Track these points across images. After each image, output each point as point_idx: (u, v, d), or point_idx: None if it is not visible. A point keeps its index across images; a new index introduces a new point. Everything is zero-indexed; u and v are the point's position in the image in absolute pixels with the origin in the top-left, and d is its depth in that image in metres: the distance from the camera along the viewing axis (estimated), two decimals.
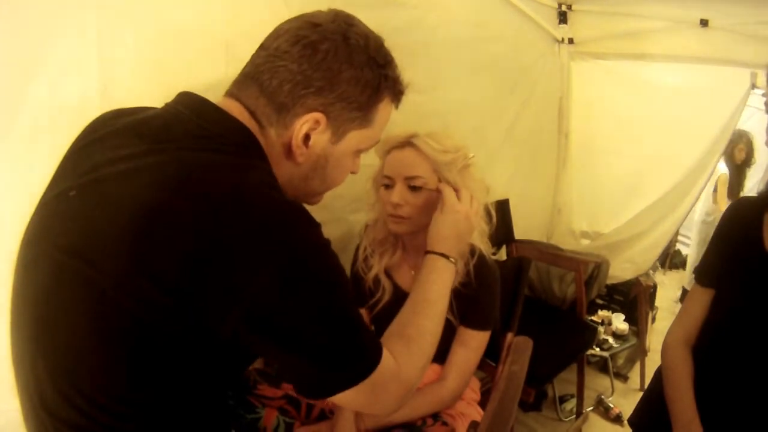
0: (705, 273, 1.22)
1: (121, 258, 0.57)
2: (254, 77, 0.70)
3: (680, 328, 1.24)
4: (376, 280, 1.31)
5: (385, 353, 0.70)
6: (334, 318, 0.64)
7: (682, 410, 1.13)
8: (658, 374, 1.27)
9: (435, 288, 0.92)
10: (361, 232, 1.38)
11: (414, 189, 1.17)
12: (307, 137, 0.71)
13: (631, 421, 1.36)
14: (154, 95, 1.01)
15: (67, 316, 0.61)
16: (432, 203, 1.17)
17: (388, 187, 1.21)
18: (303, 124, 0.70)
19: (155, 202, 0.58)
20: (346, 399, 0.67)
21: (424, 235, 1.25)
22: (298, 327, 0.61)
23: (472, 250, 1.24)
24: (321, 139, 0.73)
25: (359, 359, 0.67)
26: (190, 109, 0.69)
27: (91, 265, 0.59)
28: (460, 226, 1.05)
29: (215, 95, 0.72)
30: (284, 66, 0.68)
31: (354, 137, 0.75)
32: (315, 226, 0.64)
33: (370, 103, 0.74)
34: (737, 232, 1.16)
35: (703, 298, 1.20)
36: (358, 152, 0.80)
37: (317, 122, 0.70)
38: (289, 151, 0.72)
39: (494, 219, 1.27)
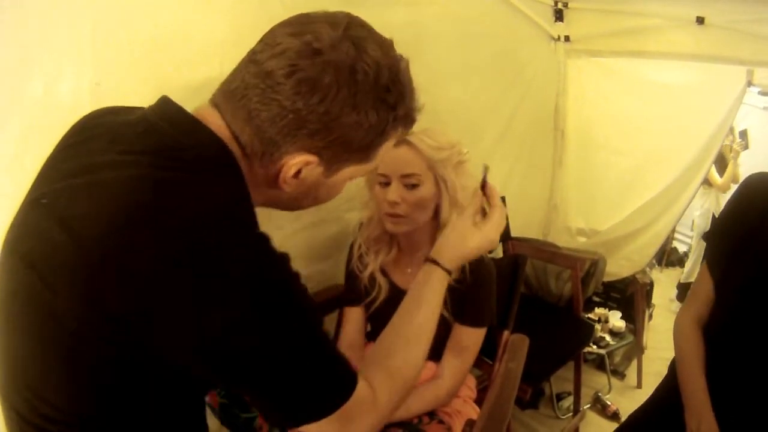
0: (711, 262, 1.21)
1: (73, 284, 0.55)
2: (242, 100, 0.62)
3: (692, 308, 1.23)
4: (372, 279, 1.31)
5: (361, 383, 0.66)
6: (298, 354, 0.60)
7: (693, 394, 1.13)
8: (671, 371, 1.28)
9: (427, 310, 0.82)
10: (356, 230, 1.37)
11: (410, 186, 1.17)
12: (297, 172, 0.65)
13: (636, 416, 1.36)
14: (149, 95, 1.01)
15: (25, 328, 0.59)
16: (428, 200, 1.17)
17: (384, 185, 1.20)
18: (293, 164, 0.64)
19: (111, 230, 0.54)
20: (315, 430, 0.63)
21: (419, 233, 1.25)
22: (260, 363, 0.58)
23: None
24: (313, 173, 0.67)
25: (329, 392, 0.63)
26: (165, 118, 0.64)
27: (45, 281, 0.56)
28: (482, 247, 0.90)
29: (210, 95, 0.71)
30: (277, 101, 0.60)
31: (349, 171, 0.70)
32: (279, 260, 0.60)
33: (372, 145, 0.67)
34: (749, 219, 1.11)
35: (711, 282, 1.19)
36: (352, 179, 0.75)
37: (308, 162, 0.64)
38: (274, 182, 0.67)
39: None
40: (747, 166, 3.91)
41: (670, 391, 1.22)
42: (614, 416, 2.31)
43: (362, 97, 0.61)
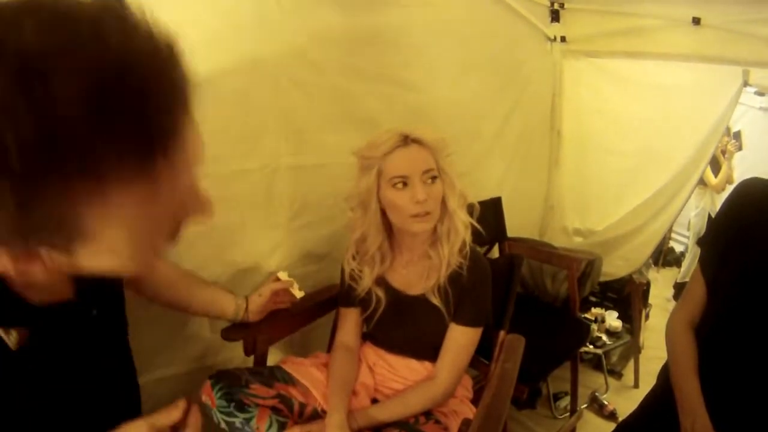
0: (704, 263, 1.22)
1: None
2: None
3: (684, 308, 1.24)
4: (369, 291, 1.31)
5: None
6: None
7: (687, 394, 1.13)
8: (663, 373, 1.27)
9: None
10: (345, 243, 1.37)
11: (431, 181, 1.19)
12: None
13: (627, 422, 1.35)
14: None
15: None
16: (441, 193, 1.20)
17: (403, 186, 1.19)
18: None
19: None
20: None
21: (419, 233, 1.26)
22: None
23: (464, 244, 1.24)
24: None
25: None
26: None
27: None
28: None
29: (207, 87, 0.70)
30: None
31: None
32: None
33: None
34: (742, 221, 1.12)
35: (704, 283, 1.20)
36: None
37: None
38: None
39: (476, 210, 1.29)
40: (746, 163, 3.94)
41: (662, 393, 1.22)
42: (611, 416, 2.31)
43: None
